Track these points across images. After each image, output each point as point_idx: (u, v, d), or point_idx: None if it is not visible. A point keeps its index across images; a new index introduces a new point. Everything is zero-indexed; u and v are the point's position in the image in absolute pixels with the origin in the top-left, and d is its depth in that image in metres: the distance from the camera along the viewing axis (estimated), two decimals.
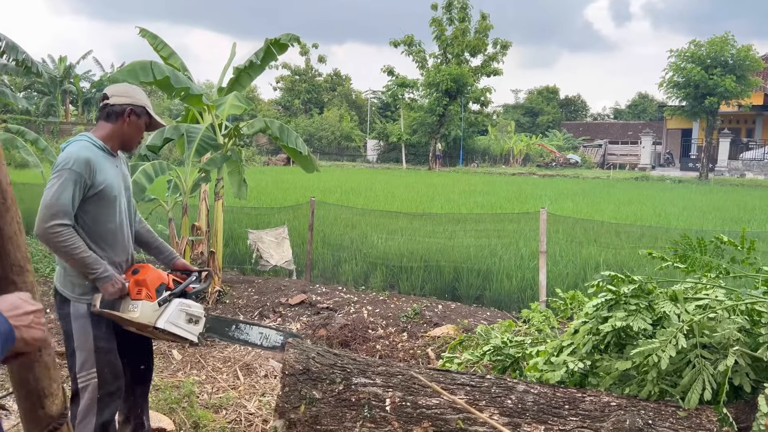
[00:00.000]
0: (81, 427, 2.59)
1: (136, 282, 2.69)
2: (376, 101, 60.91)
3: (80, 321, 2.61)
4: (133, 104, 2.74)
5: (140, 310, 2.64)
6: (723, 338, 2.79)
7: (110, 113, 2.73)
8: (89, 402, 2.59)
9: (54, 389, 0.96)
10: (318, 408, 3.15)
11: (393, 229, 9.34)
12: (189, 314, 2.78)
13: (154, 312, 2.68)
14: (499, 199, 16.61)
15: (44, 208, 2.49)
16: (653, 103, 61.95)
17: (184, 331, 2.76)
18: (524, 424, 2.93)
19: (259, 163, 39.44)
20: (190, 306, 2.81)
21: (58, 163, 2.57)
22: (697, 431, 2.77)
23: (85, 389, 2.60)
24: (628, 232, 8.53)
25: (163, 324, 2.68)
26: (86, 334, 2.61)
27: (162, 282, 2.77)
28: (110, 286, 2.60)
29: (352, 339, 5.92)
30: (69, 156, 2.55)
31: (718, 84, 29.10)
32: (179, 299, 2.78)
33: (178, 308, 2.74)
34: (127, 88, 2.80)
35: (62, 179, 2.50)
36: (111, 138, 2.73)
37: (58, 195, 2.49)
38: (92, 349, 2.60)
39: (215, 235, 7.14)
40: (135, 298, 2.66)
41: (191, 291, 2.88)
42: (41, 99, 44.52)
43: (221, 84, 7.62)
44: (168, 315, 2.70)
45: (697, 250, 3.31)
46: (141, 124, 2.78)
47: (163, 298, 2.71)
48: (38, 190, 12.01)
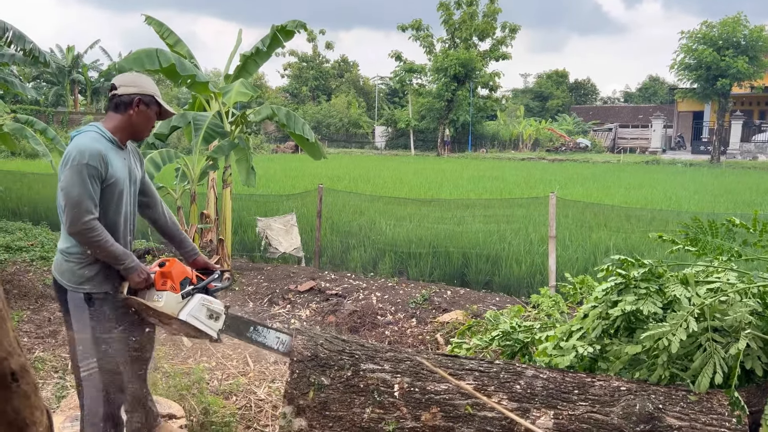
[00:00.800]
0: (90, 417, 2.59)
1: (162, 274, 2.76)
2: (384, 87, 60.62)
3: (78, 310, 2.60)
4: (141, 93, 2.71)
5: (165, 300, 2.71)
6: (734, 321, 2.76)
7: (119, 104, 2.71)
8: (95, 391, 2.59)
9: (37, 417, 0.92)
10: (327, 394, 3.16)
11: (401, 215, 9.32)
12: (210, 310, 2.86)
13: (177, 304, 2.75)
14: (508, 185, 16.53)
15: (74, 206, 2.50)
16: (664, 86, 61.25)
17: (204, 326, 2.83)
18: (533, 409, 2.92)
19: (268, 151, 39.44)
20: (212, 302, 2.88)
21: (70, 155, 2.54)
22: (708, 415, 2.75)
23: (88, 378, 2.59)
24: (638, 216, 8.46)
25: (185, 316, 2.75)
26: (84, 323, 2.59)
27: (186, 276, 2.84)
28: (137, 275, 2.65)
29: (361, 325, 5.93)
30: (83, 149, 2.53)
31: (731, 65, 28.70)
32: (201, 294, 2.85)
33: (200, 302, 2.81)
34: (134, 78, 2.78)
35: (82, 175, 2.50)
36: (120, 129, 2.70)
37: (84, 191, 2.50)
38: (91, 339, 2.59)
39: (224, 222, 7.15)
40: (160, 288, 2.73)
41: (212, 289, 2.95)
42: (50, 89, 44.69)
43: (228, 71, 7.59)
44: (190, 308, 2.77)
45: (708, 233, 3.27)
46: (151, 114, 2.75)
47: (186, 292, 2.78)
48: (48, 179, 12.09)
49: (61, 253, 2.66)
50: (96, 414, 2.59)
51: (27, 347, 4.91)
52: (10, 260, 7.70)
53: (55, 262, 2.70)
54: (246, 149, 7.18)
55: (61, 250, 2.65)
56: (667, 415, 2.77)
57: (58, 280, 2.66)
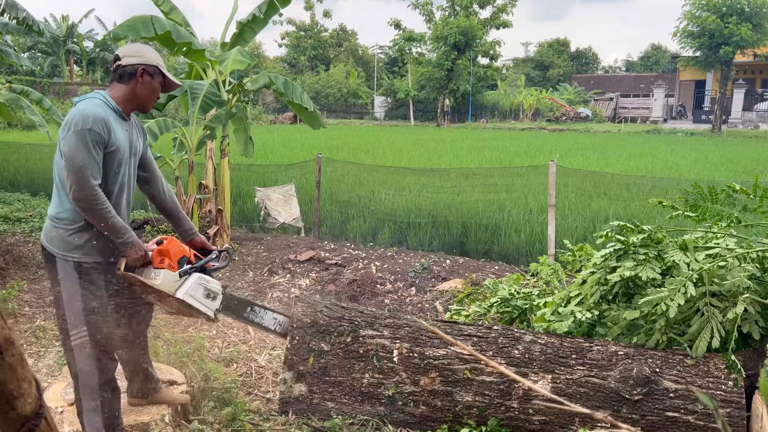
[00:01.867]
0: (85, 384, 2.59)
1: (159, 252, 2.75)
2: (383, 57, 59.91)
3: (68, 278, 2.56)
4: (145, 64, 2.67)
5: (162, 278, 2.70)
6: (733, 286, 2.76)
7: (122, 74, 2.67)
8: (87, 358, 2.57)
9: (24, 389, 0.90)
10: (326, 360, 3.18)
11: (401, 185, 9.29)
12: (207, 289, 2.86)
13: (174, 282, 2.75)
14: (508, 155, 16.45)
15: (78, 171, 2.45)
16: (666, 55, 60.57)
17: (201, 305, 2.84)
18: (531, 374, 2.95)
19: (266, 121, 39.15)
20: (209, 281, 2.88)
21: (73, 119, 2.48)
22: (705, 378, 2.77)
23: (80, 347, 2.57)
24: (638, 184, 8.43)
25: (182, 295, 2.75)
26: (74, 291, 2.56)
27: (184, 255, 2.84)
28: (134, 251, 2.63)
29: (361, 294, 5.95)
30: (86, 114, 2.48)
31: (734, 32, 28.32)
32: (199, 273, 2.85)
33: (197, 282, 2.82)
34: (138, 48, 2.74)
35: (86, 140, 2.46)
36: (125, 99, 2.67)
37: (88, 156, 2.46)
38: (81, 307, 2.56)
39: (222, 192, 7.13)
40: (157, 266, 2.72)
41: (210, 268, 2.95)
42: (45, 60, 44.14)
43: (224, 39, 7.48)
44: (187, 287, 2.77)
45: (708, 199, 3.26)
46: (155, 85, 2.72)
47: (183, 270, 2.78)
48: (45, 150, 12.03)
49: (50, 219, 2.61)
50: (91, 382, 2.59)
51: (28, 316, 4.94)
52: (9, 231, 7.70)
53: (44, 229, 2.65)
54: (244, 119, 7.12)
55: (51, 216, 2.61)
56: (664, 379, 2.79)
57: (46, 248, 2.61)
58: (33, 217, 8.47)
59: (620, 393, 2.81)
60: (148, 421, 2.94)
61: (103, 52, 43.94)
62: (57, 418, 3.02)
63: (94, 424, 2.61)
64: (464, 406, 3.00)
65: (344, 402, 3.13)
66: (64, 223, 2.57)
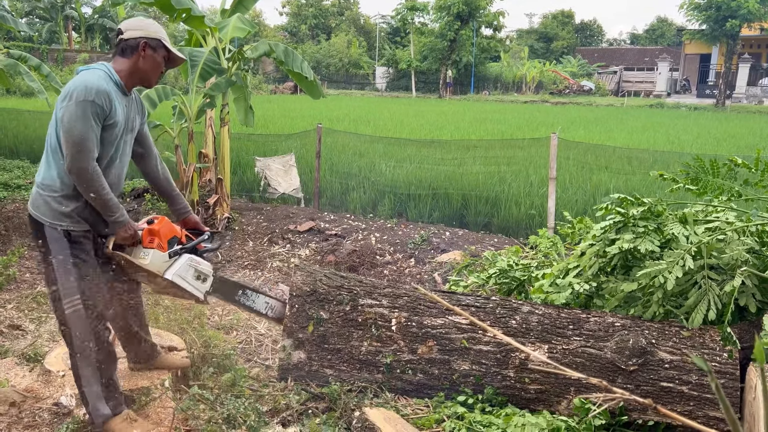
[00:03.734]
0: (81, 351, 2.61)
1: (149, 231, 2.73)
2: (386, 26, 59.13)
3: (58, 246, 2.55)
4: (147, 37, 2.64)
5: (151, 258, 2.69)
6: (731, 259, 2.77)
7: (125, 48, 2.64)
8: (82, 325, 2.59)
9: None
10: (325, 328, 3.21)
11: (401, 157, 9.25)
12: (198, 271, 2.85)
13: (163, 263, 2.74)
14: (510, 128, 16.35)
15: (76, 143, 2.42)
16: (672, 27, 59.75)
17: (191, 287, 2.82)
18: (528, 344, 2.98)
19: (266, 91, 38.83)
20: (200, 263, 2.86)
21: (76, 89, 2.45)
22: (700, 350, 2.80)
23: (74, 315, 2.58)
24: (640, 158, 8.39)
25: (171, 276, 2.73)
26: (65, 259, 2.55)
27: (175, 235, 2.82)
28: (124, 230, 2.63)
29: (360, 265, 5.98)
30: (90, 86, 2.45)
31: (741, 5, 27.91)
32: (189, 255, 2.84)
33: (187, 263, 2.80)
34: (141, 22, 2.70)
35: (86, 112, 2.43)
36: (127, 74, 2.64)
37: (87, 128, 2.44)
38: (73, 275, 2.56)
39: (222, 161, 7.10)
40: (147, 246, 2.71)
41: (202, 249, 2.93)
42: (43, 26, 43.58)
43: (224, 6, 7.37)
44: (177, 268, 2.76)
45: (709, 172, 3.24)
46: (158, 58, 2.68)
47: (174, 251, 2.77)
48: (45, 117, 11.94)
49: (38, 186, 2.59)
50: (87, 348, 2.61)
51: (29, 282, 4.97)
52: (9, 198, 7.70)
53: (32, 197, 2.63)
54: (244, 87, 7.05)
55: (38, 183, 2.59)
56: (660, 350, 2.82)
57: (33, 215, 2.59)
58: (33, 184, 8.46)
59: (616, 363, 2.84)
60: (148, 386, 2.98)
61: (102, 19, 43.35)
62: (59, 382, 3.06)
63: (92, 390, 2.64)
64: (461, 374, 3.03)
65: (342, 369, 3.16)
66: (51, 191, 2.56)
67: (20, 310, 4.37)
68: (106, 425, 2.65)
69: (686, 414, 2.75)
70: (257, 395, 3.10)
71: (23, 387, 3.05)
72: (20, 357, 3.37)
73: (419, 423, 2.87)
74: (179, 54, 2.77)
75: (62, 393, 2.98)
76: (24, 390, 3.02)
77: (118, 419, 2.66)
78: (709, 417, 2.74)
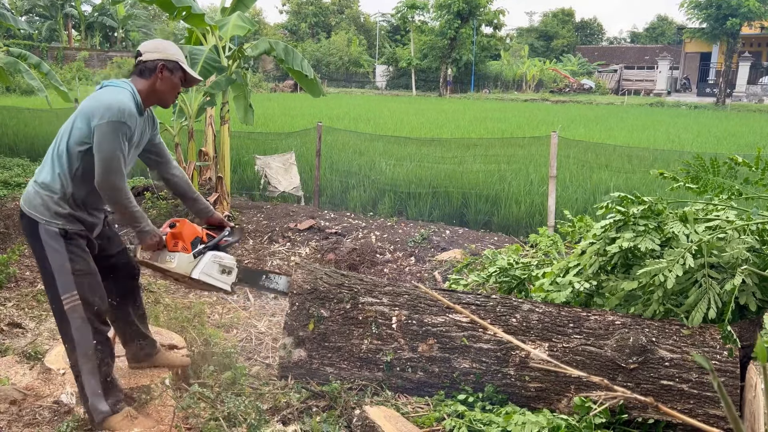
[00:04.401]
0: (81, 348, 2.60)
1: (173, 235, 2.85)
2: (386, 24, 59.08)
3: (54, 244, 2.58)
4: (165, 59, 2.71)
5: (177, 261, 2.83)
6: (731, 258, 2.77)
7: (143, 70, 2.72)
8: (81, 322, 2.60)
9: None
10: (326, 326, 3.21)
11: (401, 155, 9.24)
12: (222, 265, 2.98)
13: (189, 263, 2.87)
14: (510, 126, 16.35)
15: (106, 160, 2.52)
16: (672, 26, 59.71)
17: (217, 281, 2.97)
18: (528, 342, 2.98)
19: (266, 89, 38.80)
20: (223, 258, 2.99)
21: (110, 109, 2.51)
22: (701, 348, 2.80)
23: (72, 311, 2.59)
24: (640, 156, 8.39)
25: (198, 274, 2.88)
26: (62, 257, 2.58)
27: (197, 236, 2.93)
28: (149, 239, 2.76)
29: (360, 263, 5.98)
30: (123, 107, 2.54)
31: (741, 4, 27.88)
32: (213, 252, 2.96)
33: (211, 260, 2.93)
34: (159, 44, 2.78)
35: (117, 132, 2.52)
36: (146, 95, 2.71)
37: (117, 149, 2.53)
38: (71, 272, 2.58)
39: (222, 160, 7.10)
40: (172, 250, 2.84)
41: (224, 244, 3.05)
42: (43, 24, 43.53)
43: (224, 4, 7.37)
44: (202, 266, 2.90)
45: (709, 171, 3.25)
46: (175, 80, 2.75)
47: (197, 251, 2.89)
48: (44, 115, 11.94)
49: (37, 185, 2.61)
50: (85, 345, 2.62)
51: (29, 280, 4.97)
52: (9, 196, 7.70)
53: (27, 195, 2.64)
54: (244, 85, 7.05)
55: (39, 183, 2.60)
56: (660, 348, 2.82)
57: (28, 213, 2.60)
58: None
59: (616, 361, 2.84)
60: (148, 384, 2.98)
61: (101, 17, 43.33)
62: (59, 380, 3.06)
63: (92, 387, 2.64)
64: (461, 372, 3.04)
65: (343, 367, 3.16)
66: (51, 191, 2.59)
67: (20, 308, 4.37)
68: (105, 422, 2.65)
69: (686, 412, 2.75)
70: (257, 393, 3.10)
71: (23, 385, 3.05)
72: (20, 355, 3.37)
73: (419, 421, 2.88)
74: (195, 75, 2.85)
75: (62, 391, 2.98)
76: (24, 388, 3.02)
77: (119, 416, 2.66)
78: (709, 415, 2.74)
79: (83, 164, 2.59)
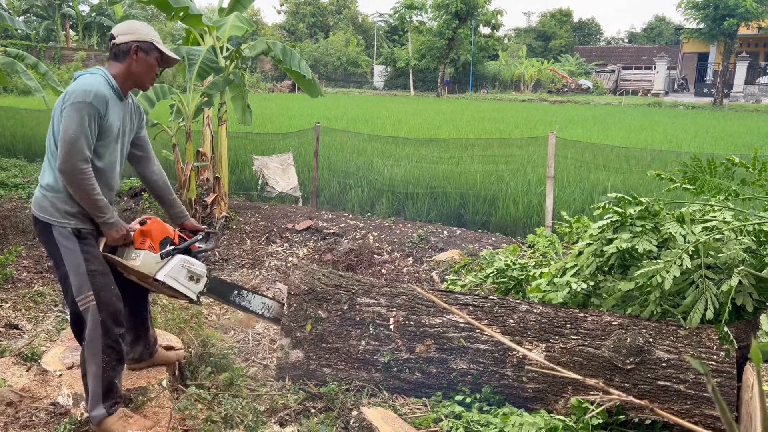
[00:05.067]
0: (90, 348, 2.61)
1: (141, 232, 2.73)
2: (384, 25, 59.07)
3: (68, 244, 2.57)
4: (139, 40, 2.66)
5: (142, 259, 2.69)
6: (728, 258, 2.77)
7: (117, 53, 2.67)
8: (93, 324, 2.60)
9: None
10: (323, 327, 3.21)
11: (399, 155, 9.24)
12: (191, 271, 2.83)
13: (155, 264, 2.72)
14: (508, 126, 16.35)
15: (69, 143, 2.44)
16: (670, 26, 59.82)
17: (183, 287, 2.81)
18: (526, 342, 2.98)
19: (264, 89, 38.78)
20: (193, 264, 2.84)
21: (75, 92, 2.48)
22: (697, 349, 2.81)
23: (87, 312, 2.60)
24: (637, 157, 8.40)
25: (163, 276, 2.73)
26: (76, 257, 2.57)
27: (167, 236, 2.81)
28: (114, 232, 2.64)
29: (358, 264, 5.98)
30: (88, 88, 2.48)
31: (739, 4, 27.93)
32: (182, 255, 2.82)
33: (179, 264, 2.79)
34: (132, 25, 2.72)
35: (82, 113, 2.45)
36: (122, 78, 2.66)
37: (82, 130, 2.45)
38: (85, 272, 2.57)
39: (220, 160, 7.09)
40: (138, 247, 2.71)
41: (196, 250, 2.91)
42: (40, 24, 43.43)
43: (222, 5, 7.36)
44: (169, 269, 2.75)
45: (707, 172, 3.25)
46: (151, 61, 2.70)
47: (165, 252, 2.75)
48: (42, 116, 11.91)
49: (43, 188, 2.61)
50: (98, 345, 2.61)
51: (26, 282, 4.96)
52: (6, 197, 7.68)
53: (36, 200, 2.63)
54: (241, 86, 7.04)
55: (44, 186, 2.61)
56: (657, 349, 2.82)
57: (40, 217, 2.60)
58: (30, 183, 8.44)
59: (613, 362, 2.85)
60: (145, 386, 2.97)
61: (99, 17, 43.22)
62: (56, 382, 3.06)
63: (93, 390, 2.64)
64: (459, 373, 3.04)
65: (340, 368, 3.16)
66: (56, 191, 2.58)
67: (17, 309, 4.36)
68: (102, 424, 2.64)
69: (683, 412, 2.76)
70: (255, 395, 3.09)
71: (20, 387, 3.04)
72: (17, 356, 3.37)
73: (417, 422, 2.88)
74: (172, 54, 2.78)
75: (59, 393, 2.97)
76: (21, 390, 3.01)
77: (114, 417, 2.66)
78: (706, 415, 2.74)
79: None
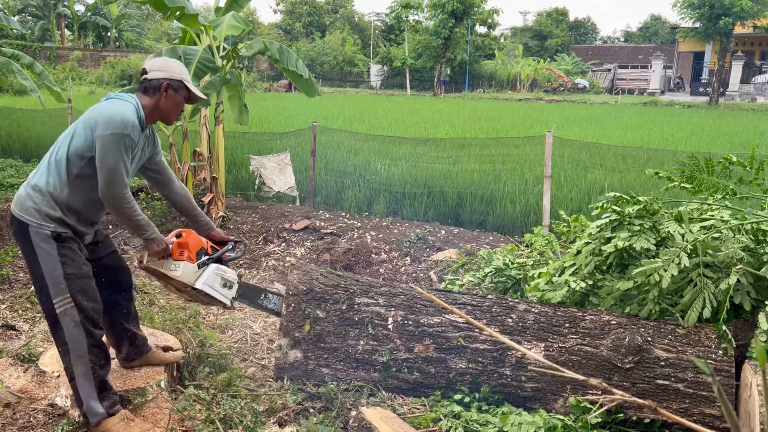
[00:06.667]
0: (75, 350, 2.59)
1: (179, 245, 2.89)
2: (380, 24, 59.03)
3: (45, 247, 2.56)
4: (170, 78, 2.74)
5: (182, 269, 2.86)
6: (726, 257, 2.78)
7: (148, 87, 2.74)
8: (74, 325, 2.59)
9: None
10: (322, 327, 3.21)
11: (396, 155, 9.24)
12: (224, 279, 3.03)
13: (193, 273, 2.91)
14: (504, 126, 16.36)
15: (110, 171, 2.54)
16: (665, 25, 59.93)
17: (219, 294, 3.00)
18: (524, 342, 2.98)
19: (261, 89, 38.73)
20: (226, 271, 3.04)
21: (113, 122, 2.54)
22: (696, 348, 2.81)
23: (64, 314, 2.58)
24: (634, 156, 8.41)
25: (201, 285, 2.91)
26: (53, 260, 2.57)
27: (202, 247, 2.98)
28: (155, 246, 2.78)
29: (356, 263, 5.97)
30: (127, 120, 2.57)
31: (734, 3, 28.00)
32: (216, 264, 3.01)
33: (214, 272, 2.98)
34: (165, 63, 2.80)
35: (119, 144, 2.54)
36: (149, 111, 2.74)
37: (121, 159, 2.56)
38: (62, 275, 2.57)
39: (217, 160, 7.08)
40: (177, 258, 2.88)
41: (226, 258, 3.10)
42: (36, 23, 43.30)
43: (218, 4, 7.34)
44: (206, 277, 2.94)
45: (704, 170, 3.26)
46: (179, 99, 2.79)
47: (202, 262, 2.93)
48: (37, 116, 11.87)
49: (31, 188, 2.60)
50: (78, 348, 2.60)
51: (22, 282, 4.94)
52: (2, 197, 7.66)
53: (19, 198, 2.63)
54: (238, 86, 7.03)
55: (33, 185, 2.60)
56: (655, 347, 2.83)
57: (19, 216, 2.59)
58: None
59: (612, 361, 2.85)
60: (143, 386, 2.96)
61: (94, 17, 43.12)
62: (54, 383, 3.05)
63: (86, 390, 2.63)
64: (457, 372, 3.03)
65: (339, 368, 3.16)
66: (43, 195, 2.58)
67: (14, 310, 4.34)
68: (101, 425, 2.63)
69: (682, 411, 2.76)
70: (253, 395, 3.09)
71: (18, 388, 3.03)
72: (14, 357, 3.35)
73: (416, 422, 2.87)
74: (200, 93, 2.87)
75: (57, 394, 2.96)
76: (18, 391, 3.00)
77: (115, 419, 2.65)
78: (704, 414, 2.75)
79: (81, 173, 2.60)
